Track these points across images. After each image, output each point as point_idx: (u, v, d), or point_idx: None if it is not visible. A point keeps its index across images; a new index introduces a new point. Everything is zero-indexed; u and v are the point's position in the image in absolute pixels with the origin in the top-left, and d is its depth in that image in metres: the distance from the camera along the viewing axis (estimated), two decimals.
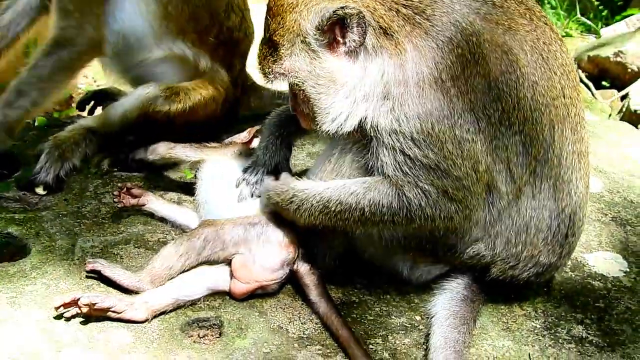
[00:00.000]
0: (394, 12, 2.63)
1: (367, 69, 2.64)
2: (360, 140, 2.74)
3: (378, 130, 2.66)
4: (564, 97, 2.81)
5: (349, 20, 2.55)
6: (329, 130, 2.75)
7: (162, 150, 3.33)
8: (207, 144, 3.39)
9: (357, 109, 2.68)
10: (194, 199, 3.23)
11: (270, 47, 2.70)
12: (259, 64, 2.77)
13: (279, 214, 2.96)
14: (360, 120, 2.69)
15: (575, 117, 2.87)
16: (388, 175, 2.70)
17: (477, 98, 2.64)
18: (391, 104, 2.63)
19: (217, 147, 3.36)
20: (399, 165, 2.67)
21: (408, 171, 2.66)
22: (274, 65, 2.70)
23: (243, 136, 3.43)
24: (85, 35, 3.66)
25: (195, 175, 3.27)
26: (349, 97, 2.68)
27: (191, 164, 3.35)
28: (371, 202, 2.73)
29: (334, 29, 2.60)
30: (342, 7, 2.53)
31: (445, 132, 2.62)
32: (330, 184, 2.83)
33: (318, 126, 2.79)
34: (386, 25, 2.61)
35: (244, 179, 3.09)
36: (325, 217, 2.81)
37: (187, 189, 3.34)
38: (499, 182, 2.74)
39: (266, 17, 2.72)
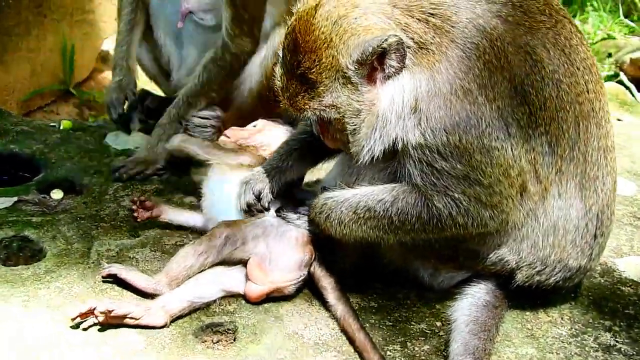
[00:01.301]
0: (424, 23, 2.58)
1: (401, 88, 2.61)
2: (385, 150, 2.71)
3: (405, 143, 2.63)
4: (588, 93, 2.77)
5: (389, 50, 2.50)
6: (362, 158, 2.72)
7: (177, 140, 3.35)
8: (218, 144, 3.37)
9: (390, 133, 2.65)
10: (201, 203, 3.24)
11: (305, 84, 2.63)
12: (290, 101, 2.69)
13: None
14: (391, 140, 2.66)
15: (599, 111, 2.81)
16: (416, 184, 2.66)
17: (505, 104, 2.61)
18: (418, 117, 2.59)
19: (226, 151, 3.33)
20: (426, 176, 2.63)
21: (436, 182, 2.63)
22: (311, 102, 2.64)
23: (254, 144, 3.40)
24: None
25: (200, 181, 3.28)
26: (385, 124, 2.64)
27: (197, 162, 3.33)
28: (399, 211, 2.71)
29: (373, 60, 2.55)
30: (384, 40, 2.47)
31: (473, 142, 2.58)
32: (357, 191, 2.81)
33: (350, 152, 2.75)
34: (421, 40, 2.57)
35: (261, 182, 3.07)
36: (355, 225, 2.79)
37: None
38: (528, 184, 2.70)
39: (293, 54, 2.64)
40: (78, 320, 2.63)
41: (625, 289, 3.13)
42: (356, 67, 2.53)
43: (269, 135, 3.38)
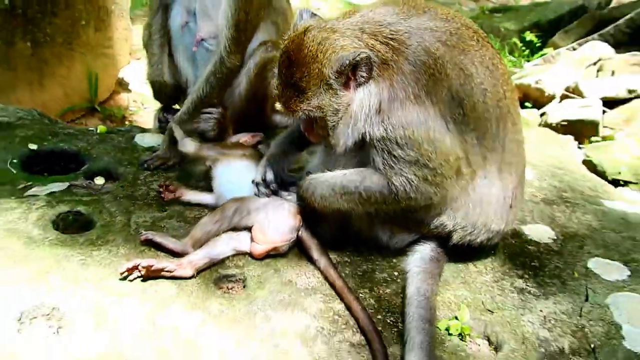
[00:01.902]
0: (385, 45, 2.67)
1: (369, 93, 2.68)
2: (356, 142, 2.79)
3: (371, 137, 2.72)
4: (506, 99, 2.89)
5: (360, 63, 2.60)
6: (339, 148, 2.80)
7: (191, 148, 3.37)
8: (219, 143, 3.43)
9: (360, 128, 2.73)
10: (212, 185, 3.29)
11: (297, 90, 2.69)
12: (285, 104, 2.75)
13: None
14: (361, 134, 2.75)
15: (514, 113, 2.95)
16: (378, 168, 2.76)
17: (445, 106, 2.71)
18: (382, 116, 2.68)
19: (228, 147, 3.39)
20: (386, 161, 2.73)
21: (394, 166, 2.72)
22: (301, 105, 2.70)
23: (245, 139, 3.48)
24: None
25: (210, 168, 3.31)
26: (356, 122, 2.72)
27: (207, 159, 3.37)
28: (367, 188, 2.80)
29: (348, 71, 2.63)
30: (357, 55, 2.57)
31: (422, 135, 2.67)
32: (335, 174, 2.89)
33: (330, 144, 2.84)
34: (383, 58, 2.66)
35: (260, 177, 3.15)
36: (333, 200, 2.87)
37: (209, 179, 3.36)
38: (462, 168, 2.81)
39: (287, 68, 2.70)
40: (125, 274, 2.73)
41: (530, 247, 3.28)
42: (336, 76, 2.64)
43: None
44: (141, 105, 7.06)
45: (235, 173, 3.22)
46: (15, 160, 3.59)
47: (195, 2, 3.63)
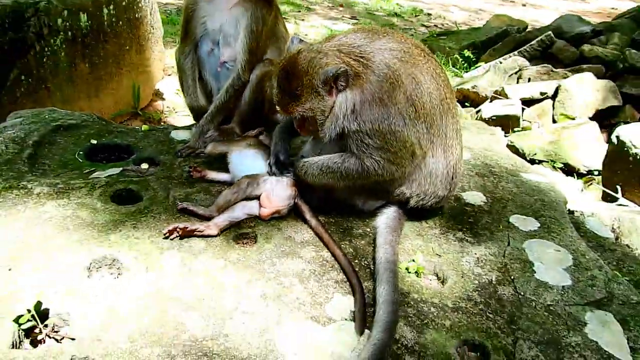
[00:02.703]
0: (357, 61, 2.70)
1: (346, 98, 2.71)
2: (337, 134, 2.81)
3: (348, 130, 2.75)
4: (447, 99, 2.93)
5: (340, 75, 2.64)
6: (325, 139, 2.82)
7: (210, 148, 3.42)
8: (228, 140, 3.48)
9: (340, 124, 2.75)
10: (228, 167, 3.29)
11: (293, 97, 2.70)
12: (284, 108, 2.76)
13: None
14: (341, 128, 2.77)
15: (453, 109, 2.98)
16: (354, 153, 2.80)
17: (402, 106, 2.74)
18: (355, 114, 2.71)
19: (237, 140, 3.42)
20: (359, 147, 2.77)
21: (365, 151, 2.76)
22: (297, 108, 2.72)
23: (253, 133, 3.49)
24: None
25: (226, 155, 3.31)
26: (337, 119, 2.74)
27: (222, 153, 3.37)
28: (346, 168, 2.84)
29: (332, 81, 2.66)
30: (338, 69, 2.61)
31: (386, 128, 2.71)
32: (322, 157, 2.93)
33: (318, 136, 2.86)
34: (356, 71, 2.69)
35: (274, 160, 3.12)
36: (321, 176, 2.90)
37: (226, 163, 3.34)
38: (416, 150, 2.85)
39: (285, 80, 2.71)
40: (167, 234, 2.77)
41: (467, 208, 3.32)
42: (322, 85, 2.68)
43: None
44: (173, 110, 7.07)
45: (245, 158, 3.23)
46: (81, 152, 3.62)
47: (219, 35, 3.65)
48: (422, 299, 2.59)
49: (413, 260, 2.80)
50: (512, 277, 2.75)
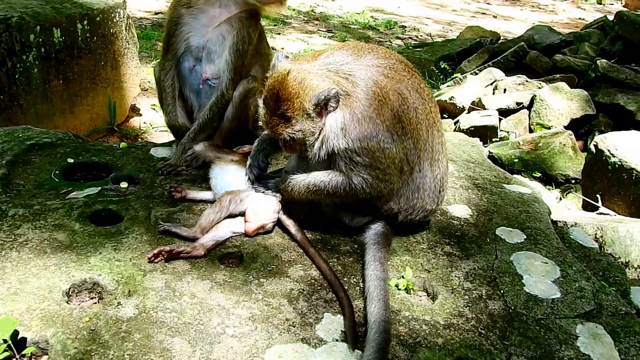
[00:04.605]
0: (346, 80, 2.68)
1: (336, 119, 2.68)
2: (326, 154, 2.77)
3: (337, 149, 2.72)
4: (432, 113, 2.92)
5: (331, 97, 2.61)
6: (313, 159, 2.79)
7: (200, 148, 3.36)
8: (219, 148, 3.37)
9: (330, 144, 2.72)
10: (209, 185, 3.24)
11: (283, 118, 2.66)
12: (272, 130, 2.71)
13: None
14: (330, 148, 2.73)
15: (438, 123, 2.98)
16: (342, 171, 2.77)
17: (389, 123, 2.72)
18: (344, 133, 2.68)
19: (224, 152, 3.34)
20: (348, 165, 2.74)
21: (353, 168, 2.73)
22: (287, 129, 2.67)
23: (245, 149, 3.40)
24: None
25: (208, 170, 3.26)
26: (327, 140, 2.71)
27: (208, 158, 3.34)
28: (332, 186, 2.80)
29: (323, 103, 2.63)
30: (329, 91, 2.58)
31: (374, 146, 2.69)
32: (309, 175, 2.87)
33: (305, 155, 2.81)
34: (345, 90, 2.66)
35: (250, 172, 3.09)
36: (307, 194, 2.86)
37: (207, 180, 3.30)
38: (404, 166, 2.83)
39: (274, 102, 2.66)
40: (152, 258, 2.68)
41: (454, 221, 3.31)
42: (313, 107, 2.63)
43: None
44: (150, 126, 6.96)
45: (227, 173, 3.17)
46: (57, 171, 3.50)
47: (202, 52, 3.58)
48: (414, 316, 2.55)
49: (402, 277, 2.76)
50: (502, 291, 2.73)
